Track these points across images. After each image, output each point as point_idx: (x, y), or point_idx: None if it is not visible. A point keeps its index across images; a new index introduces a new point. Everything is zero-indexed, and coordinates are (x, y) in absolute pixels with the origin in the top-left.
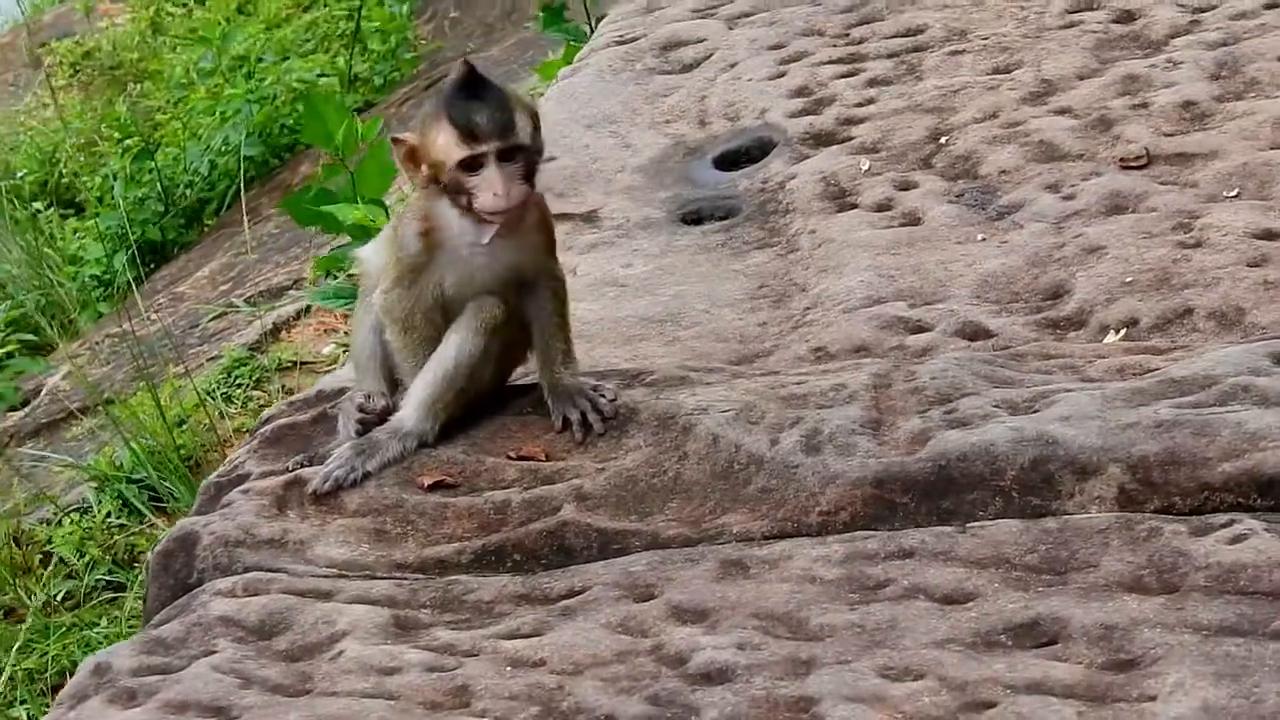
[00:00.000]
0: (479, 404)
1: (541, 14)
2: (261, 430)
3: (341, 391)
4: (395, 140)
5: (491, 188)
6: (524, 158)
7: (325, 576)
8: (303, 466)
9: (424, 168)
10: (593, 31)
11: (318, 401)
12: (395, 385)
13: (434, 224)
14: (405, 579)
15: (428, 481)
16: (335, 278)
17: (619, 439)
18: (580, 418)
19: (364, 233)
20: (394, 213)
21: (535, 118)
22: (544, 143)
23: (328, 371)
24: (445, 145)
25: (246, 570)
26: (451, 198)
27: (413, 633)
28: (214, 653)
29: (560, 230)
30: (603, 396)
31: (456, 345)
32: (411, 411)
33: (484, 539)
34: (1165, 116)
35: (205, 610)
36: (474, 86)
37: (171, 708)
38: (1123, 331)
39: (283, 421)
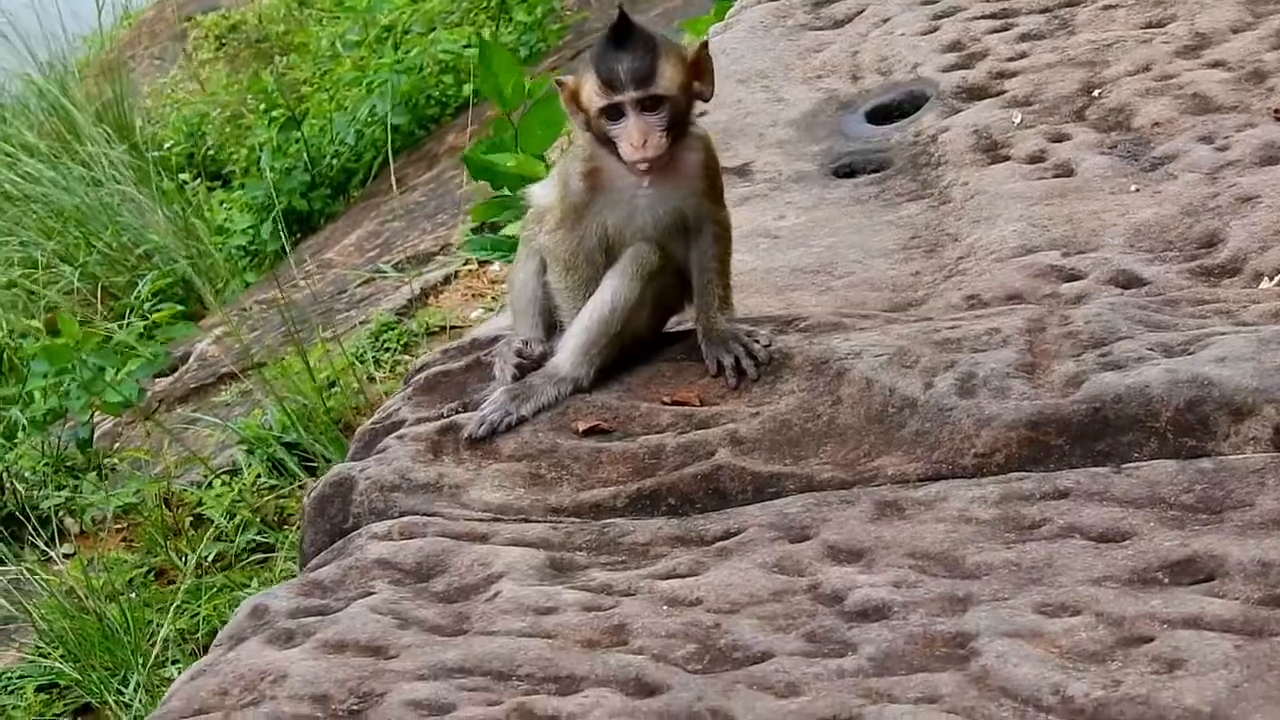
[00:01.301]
0: (634, 350)
1: None
2: (415, 378)
3: (496, 339)
4: (559, 83)
5: (630, 138)
6: (669, 108)
7: (480, 520)
8: (457, 413)
9: (581, 112)
10: None
11: (471, 349)
12: (551, 330)
13: (597, 165)
14: (560, 522)
15: (582, 426)
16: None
17: (773, 384)
18: (734, 362)
19: (521, 182)
20: (558, 160)
21: (694, 67)
22: (707, 90)
23: None
24: (589, 93)
25: (402, 514)
26: (602, 144)
27: (568, 574)
28: (371, 594)
29: None
30: (757, 342)
31: (612, 290)
32: (567, 356)
33: (639, 483)
34: None
35: (362, 553)
36: (622, 35)
37: (329, 647)
38: (1277, 278)
39: (437, 369)
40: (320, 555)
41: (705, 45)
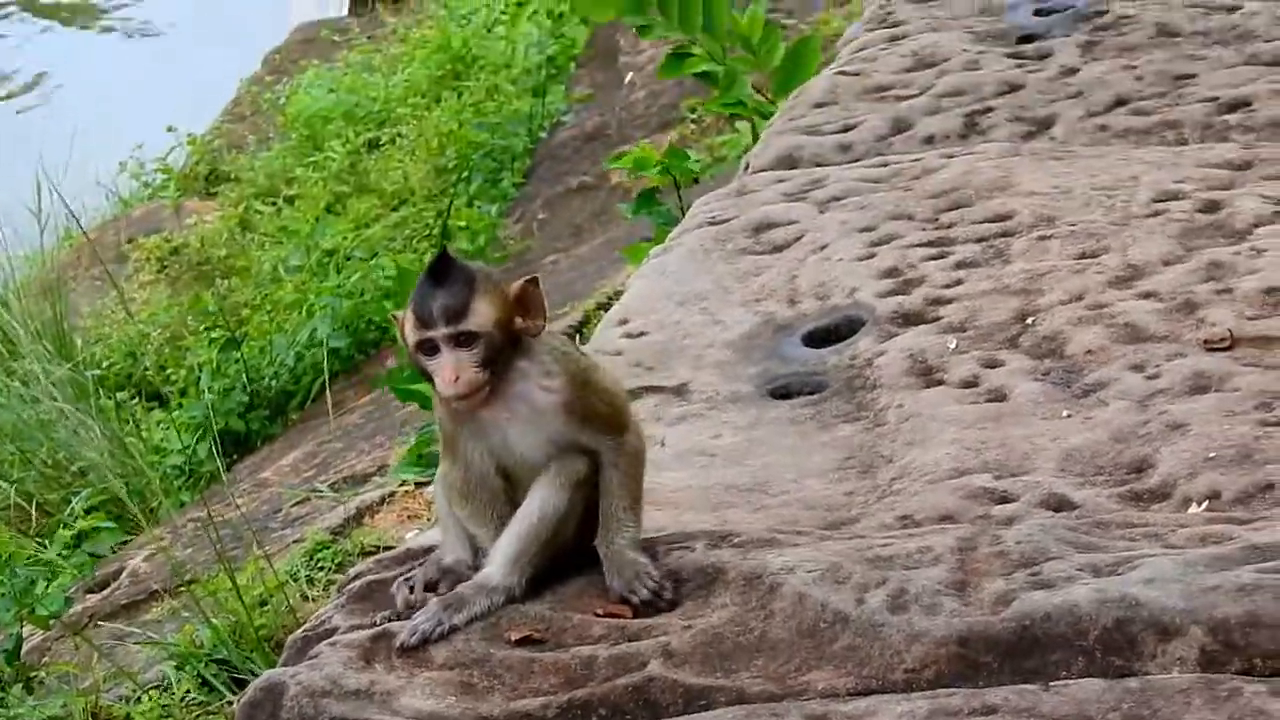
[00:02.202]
0: (565, 560)
1: (635, 200)
2: (349, 586)
3: (430, 550)
4: (392, 317)
5: (441, 374)
6: (484, 344)
7: None
8: (390, 620)
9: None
10: (684, 215)
11: (405, 559)
12: (479, 546)
13: None
14: None
15: (515, 636)
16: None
17: (706, 597)
18: (646, 595)
19: None
20: None
21: (518, 302)
22: (533, 326)
23: None
24: (407, 328)
25: None
26: (425, 377)
27: None
28: None
29: (650, 402)
30: (652, 579)
31: (540, 500)
32: (499, 567)
33: (570, 693)
34: (1249, 301)
35: None
36: (439, 271)
37: None
38: (1205, 504)
39: (370, 578)
40: None
41: (533, 281)
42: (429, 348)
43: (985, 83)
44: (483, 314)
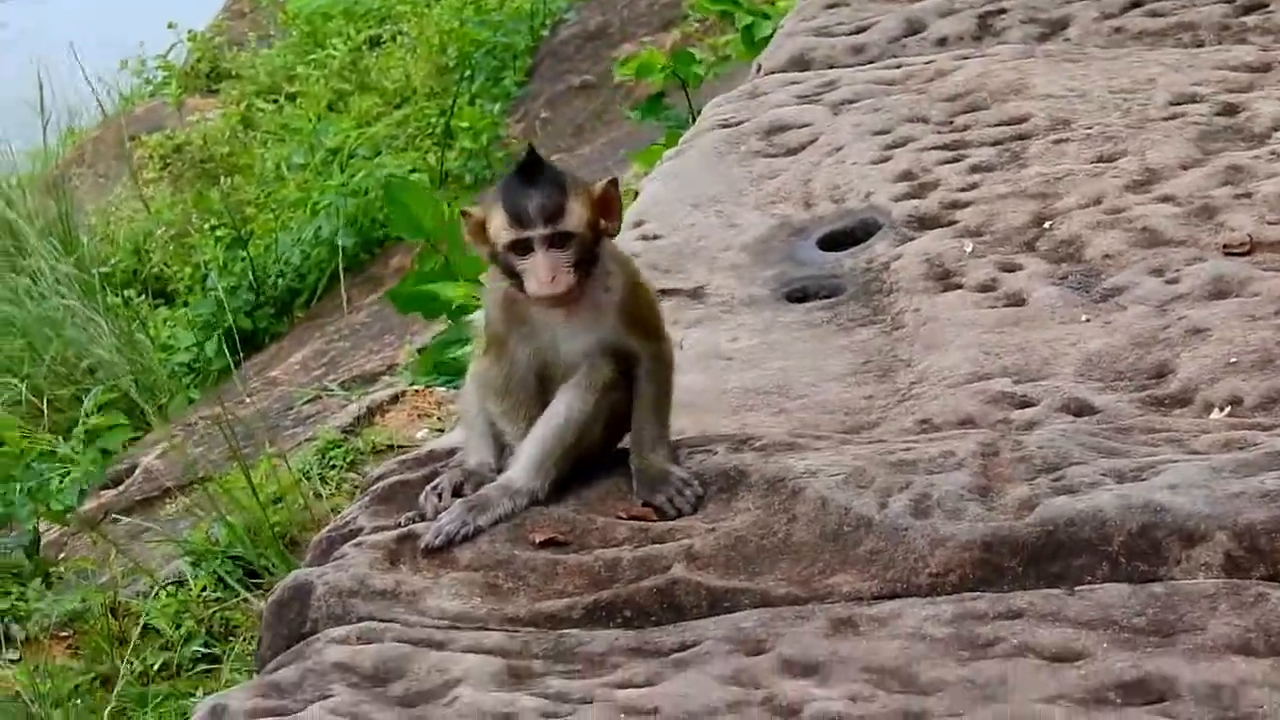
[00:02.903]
0: (590, 463)
1: (643, 104)
2: (373, 487)
3: (453, 452)
4: (464, 213)
5: (537, 274)
6: (576, 243)
7: (438, 627)
8: (414, 522)
9: (486, 245)
10: (693, 120)
11: (429, 460)
12: (504, 446)
13: (513, 296)
14: (517, 631)
15: (539, 538)
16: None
17: (729, 500)
18: (664, 502)
19: (465, 312)
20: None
21: (601, 203)
22: (613, 227)
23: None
24: (497, 227)
25: (360, 620)
26: (508, 276)
27: (526, 681)
28: (329, 697)
29: (667, 305)
30: (688, 486)
31: (567, 403)
32: (522, 469)
33: (595, 594)
34: (1269, 205)
35: (320, 657)
36: (531, 170)
37: None
38: (1227, 409)
39: (395, 479)
40: (278, 658)
41: (614, 183)
42: (522, 247)
43: None
44: (577, 214)
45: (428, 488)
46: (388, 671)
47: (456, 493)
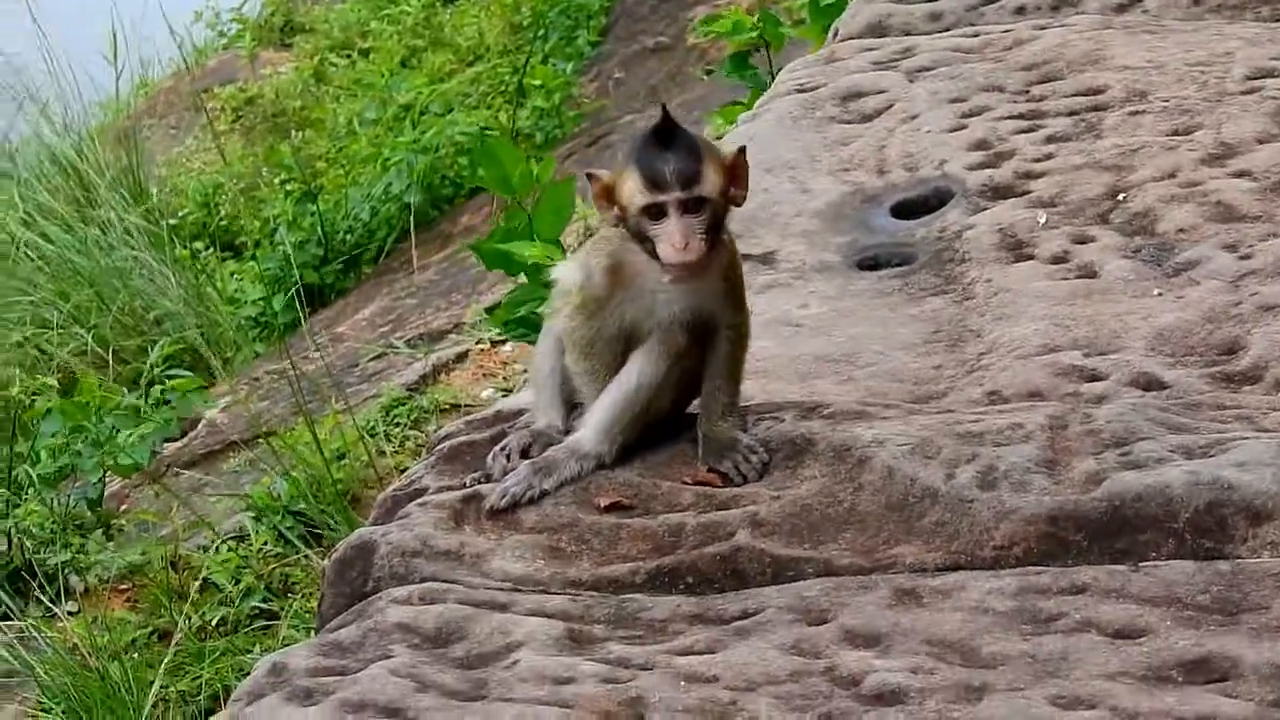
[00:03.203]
0: (657, 428)
1: (727, 61)
2: (439, 447)
3: (520, 413)
4: (590, 175)
5: (671, 239)
6: (710, 210)
7: (500, 589)
8: (480, 483)
9: (615, 208)
10: (773, 80)
11: (495, 421)
12: (572, 408)
13: (621, 259)
14: (579, 595)
15: (604, 502)
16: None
17: (795, 469)
18: (730, 468)
19: (539, 271)
20: (583, 246)
21: (733, 170)
22: (741, 195)
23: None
24: (631, 190)
25: (423, 580)
26: (637, 241)
27: (587, 646)
28: (390, 657)
29: None
30: (754, 454)
31: (638, 370)
32: (590, 433)
33: (658, 560)
34: None
35: (382, 616)
36: (666, 134)
37: (349, 707)
38: None
39: (460, 439)
40: (339, 617)
41: (743, 151)
42: (656, 212)
43: None
44: (712, 180)
45: (496, 448)
46: (449, 633)
47: (524, 454)
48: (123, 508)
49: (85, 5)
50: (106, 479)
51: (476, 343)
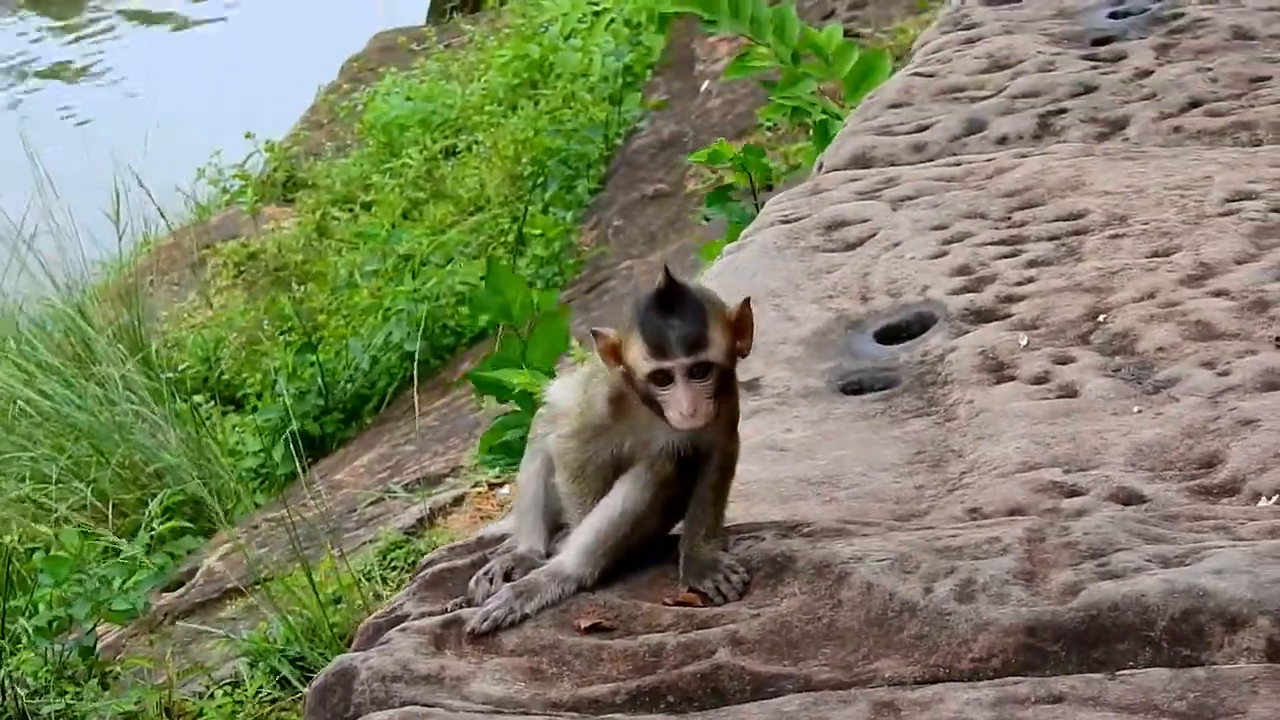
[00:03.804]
0: (639, 549)
1: (709, 196)
2: (421, 574)
3: (503, 538)
4: (596, 333)
5: (679, 405)
6: (716, 372)
7: (481, 712)
8: (461, 607)
9: (621, 366)
10: (758, 212)
11: (478, 547)
12: (556, 529)
13: (625, 393)
14: (560, 716)
15: (584, 624)
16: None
17: (775, 586)
18: (713, 587)
19: (529, 400)
20: (584, 369)
21: (738, 324)
22: (747, 347)
23: None
24: (636, 356)
25: (403, 704)
26: (644, 401)
27: None
28: None
29: None
30: (735, 573)
31: (625, 496)
32: (573, 556)
33: (639, 680)
34: None
35: None
36: (670, 297)
37: None
38: (1275, 498)
39: (442, 566)
40: None
41: (747, 303)
42: (662, 378)
43: (1060, 84)
44: (718, 344)
45: (479, 572)
46: None
47: (507, 578)
48: (119, 657)
49: (88, 164)
50: (102, 628)
51: (474, 486)
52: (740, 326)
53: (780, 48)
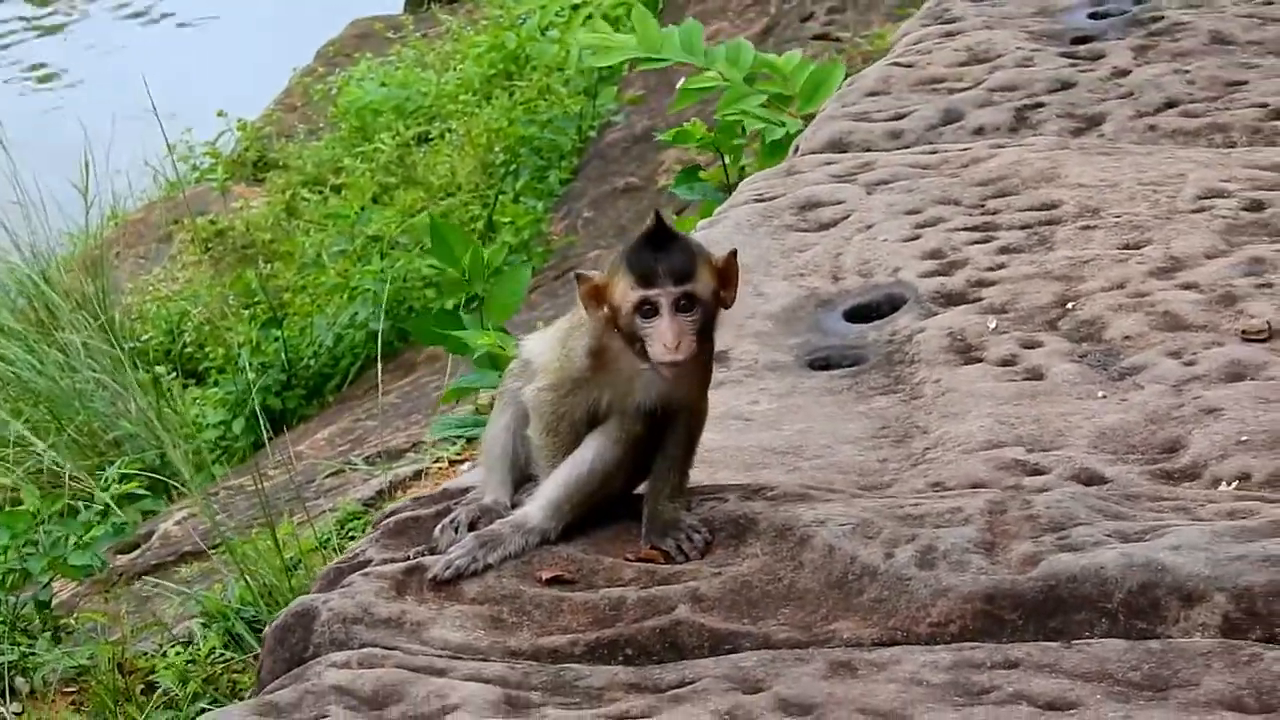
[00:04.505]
0: (604, 505)
1: (678, 175)
2: (384, 522)
3: (467, 490)
4: (579, 276)
5: (663, 337)
6: (701, 310)
7: (439, 656)
8: (424, 555)
9: (604, 308)
10: (730, 193)
11: (442, 498)
12: (521, 484)
13: (605, 343)
14: (518, 664)
15: (546, 575)
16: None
17: (737, 546)
18: (675, 546)
19: (491, 360)
20: (564, 323)
21: (724, 272)
22: (730, 298)
23: None
24: (623, 288)
25: (362, 646)
26: (626, 341)
27: (524, 710)
28: (327, 718)
29: None
30: (697, 533)
31: (595, 452)
32: (538, 509)
33: (598, 632)
34: None
35: (319, 679)
36: (659, 236)
37: None
38: (1235, 484)
39: (406, 515)
40: (278, 680)
41: (734, 255)
42: (648, 309)
43: (1037, 79)
44: (704, 279)
45: (444, 520)
46: (386, 696)
47: (471, 527)
48: (74, 614)
49: (60, 137)
50: (58, 585)
51: (434, 461)
52: (726, 275)
53: (732, 72)
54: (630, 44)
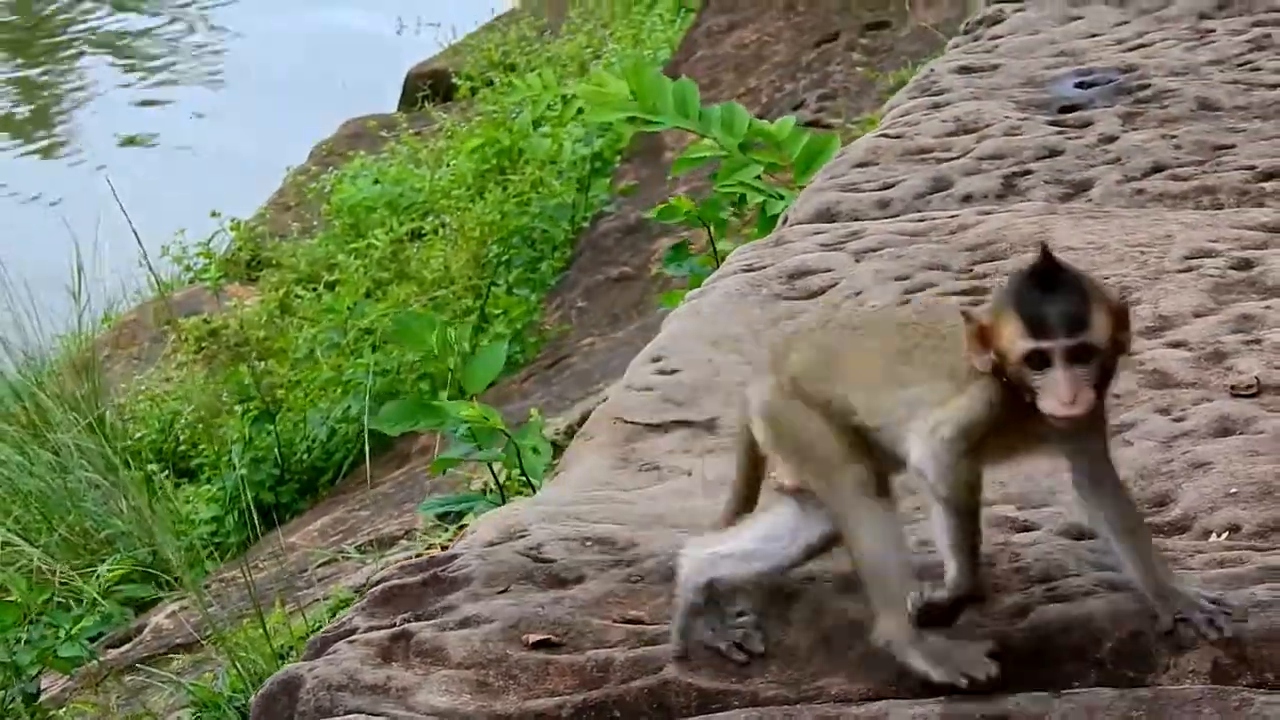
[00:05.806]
0: None
1: (668, 252)
2: (372, 591)
3: (453, 558)
4: (965, 315)
5: (1056, 392)
6: (1098, 359)
7: None
8: (409, 622)
9: (990, 352)
10: (719, 265)
11: (430, 566)
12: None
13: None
14: None
15: (532, 639)
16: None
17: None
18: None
19: (472, 436)
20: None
21: (1121, 315)
22: (1128, 342)
23: None
24: (1010, 336)
25: (349, 712)
26: (1014, 391)
27: None
28: None
29: (679, 435)
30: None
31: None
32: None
33: (585, 694)
34: (1278, 351)
35: None
36: (1049, 275)
37: None
38: (1224, 535)
39: (393, 583)
40: None
41: (1124, 294)
42: (1039, 360)
43: (1025, 147)
44: (1101, 326)
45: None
46: None
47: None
48: (63, 710)
49: (51, 240)
50: (47, 680)
51: (427, 548)
52: (1122, 317)
53: (728, 139)
54: (626, 97)
